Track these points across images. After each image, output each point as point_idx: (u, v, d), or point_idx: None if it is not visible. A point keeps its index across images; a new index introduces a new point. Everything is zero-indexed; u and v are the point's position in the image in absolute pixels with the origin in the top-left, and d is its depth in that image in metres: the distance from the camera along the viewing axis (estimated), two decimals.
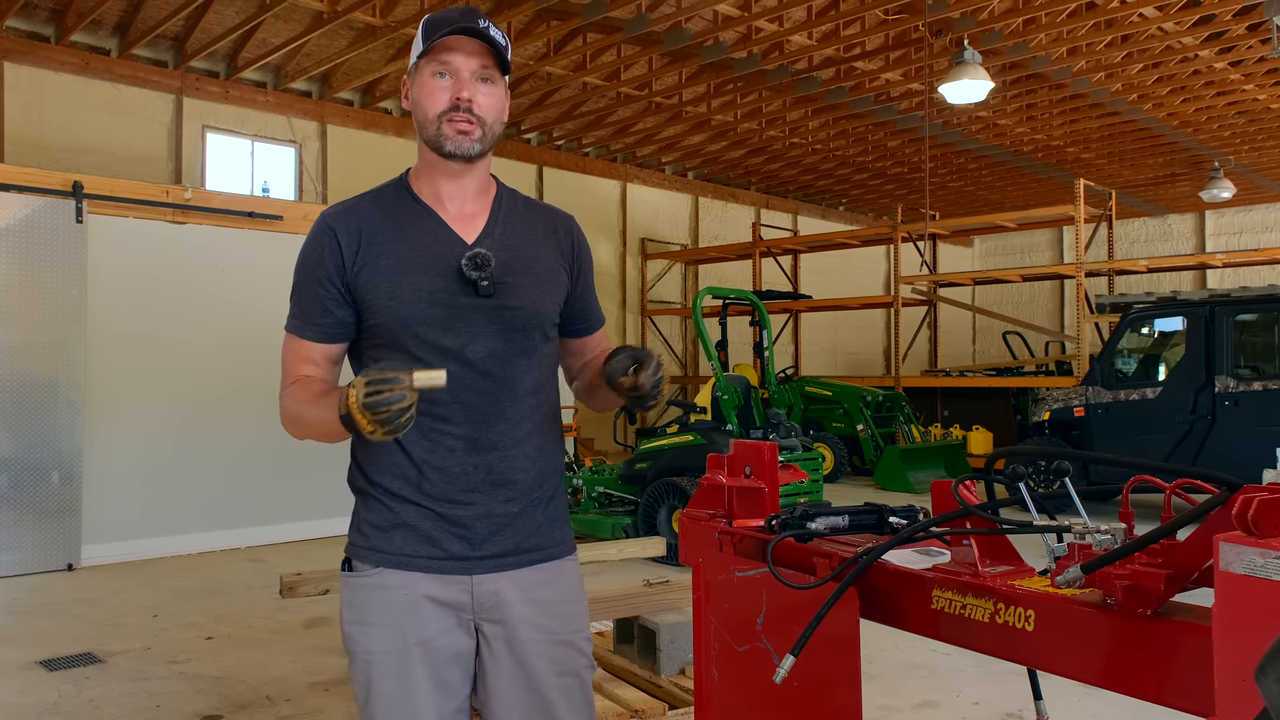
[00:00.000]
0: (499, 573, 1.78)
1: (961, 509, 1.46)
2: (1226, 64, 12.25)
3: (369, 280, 1.74)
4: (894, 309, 15.03)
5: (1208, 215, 21.29)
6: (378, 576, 1.76)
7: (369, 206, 1.82)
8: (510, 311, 1.77)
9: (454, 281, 1.74)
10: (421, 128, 1.77)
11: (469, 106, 1.73)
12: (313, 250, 1.79)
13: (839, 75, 12.73)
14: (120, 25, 11.02)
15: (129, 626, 5.48)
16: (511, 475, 1.78)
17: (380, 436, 1.52)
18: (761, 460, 1.90)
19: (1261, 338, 9.32)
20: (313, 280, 1.78)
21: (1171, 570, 1.16)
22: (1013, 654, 1.32)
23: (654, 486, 7.52)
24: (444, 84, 1.73)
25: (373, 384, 1.49)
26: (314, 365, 1.80)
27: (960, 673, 4.54)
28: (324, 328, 1.78)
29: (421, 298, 1.73)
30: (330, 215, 1.81)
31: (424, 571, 1.74)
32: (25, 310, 6.95)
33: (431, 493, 1.75)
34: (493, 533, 1.77)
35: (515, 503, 1.79)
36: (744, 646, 1.77)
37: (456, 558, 1.75)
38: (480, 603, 1.77)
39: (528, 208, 1.92)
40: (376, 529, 1.78)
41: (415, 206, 1.81)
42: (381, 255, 1.75)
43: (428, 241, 1.77)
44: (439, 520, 1.75)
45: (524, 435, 1.80)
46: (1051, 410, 10.12)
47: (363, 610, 1.77)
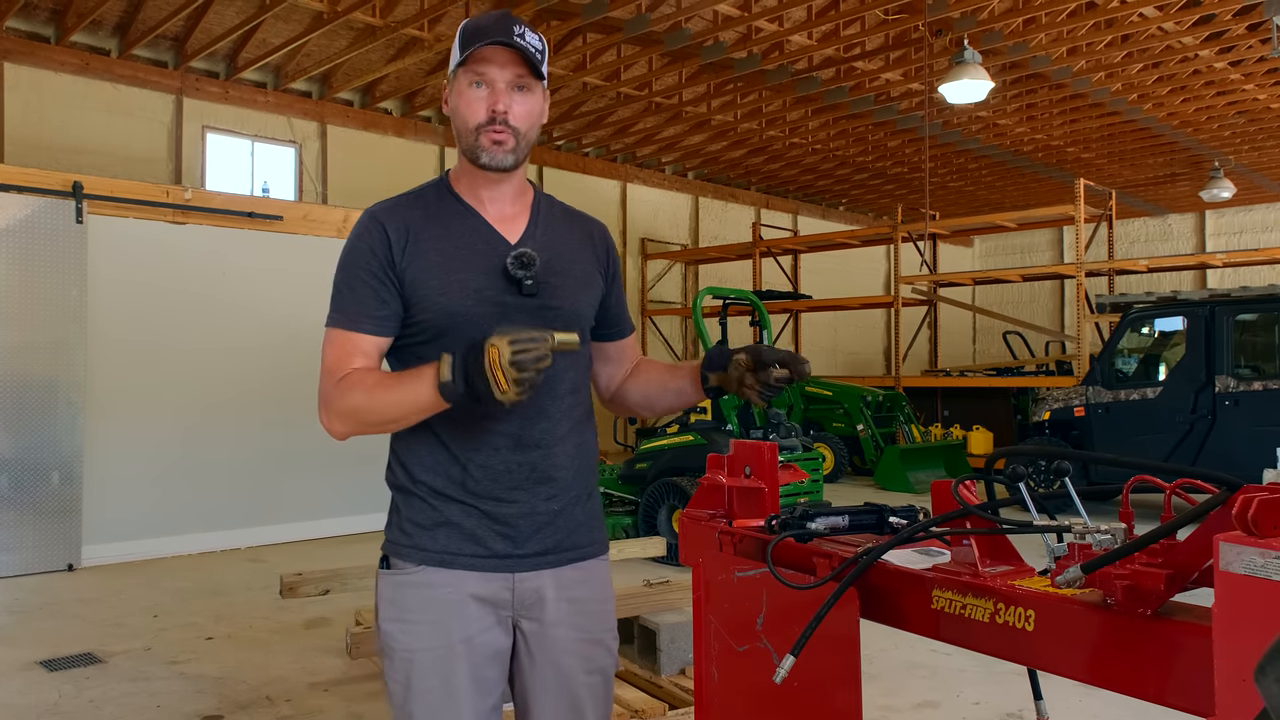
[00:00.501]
0: (540, 570, 1.80)
1: (961, 509, 1.46)
2: (1226, 64, 12.25)
3: (417, 276, 1.76)
4: (894, 309, 15.03)
5: (1208, 215, 21.29)
6: (420, 574, 1.77)
7: (413, 205, 1.84)
8: (552, 311, 1.79)
9: (499, 279, 1.76)
10: (460, 136, 1.80)
11: (504, 118, 1.74)
12: (362, 244, 1.79)
13: (839, 75, 12.73)
14: (120, 25, 11.02)
15: (129, 627, 5.48)
16: (553, 473, 1.80)
17: (513, 397, 1.52)
18: (761, 460, 1.90)
19: (1262, 337, 9.32)
20: (365, 273, 1.77)
21: (1171, 570, 1.16)
22: (1013, 654, 1.32)
23: (654, 486, 7.52)
24: (480, 94, 1.75)
25: (518, 342, 1.50)
26: (366, 358, 1.77)
27: (960, 673, 4.54)
28: (380, 320, 1.77)
29: (469, 294, 1.75)
30: (377, 211, 1.83)
31: (468, 569, 1.76)
32: (25, 310, 6.95)
33: (476, 490, 1.77)
34: (535, 530, 1.79)
35: (556, 500, 1.81)
36: (744, 646, 1.77)
37: (500, 555, 1.77)
38: (521, 600, 1.79)
39: (564, 213, 1.96)
40: (419, 527, 1.78)
41: (458, 206, 1.83)
42: (429, 252, 1.77)
43: (472, 240, 1.80)
44: (483, 518, 1.77)
45: (564, 433, 1.82)
46: (1052, 410, 10.12)
47: (404, 608, 1.77)
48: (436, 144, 14.48)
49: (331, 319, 1.80)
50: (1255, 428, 8.58)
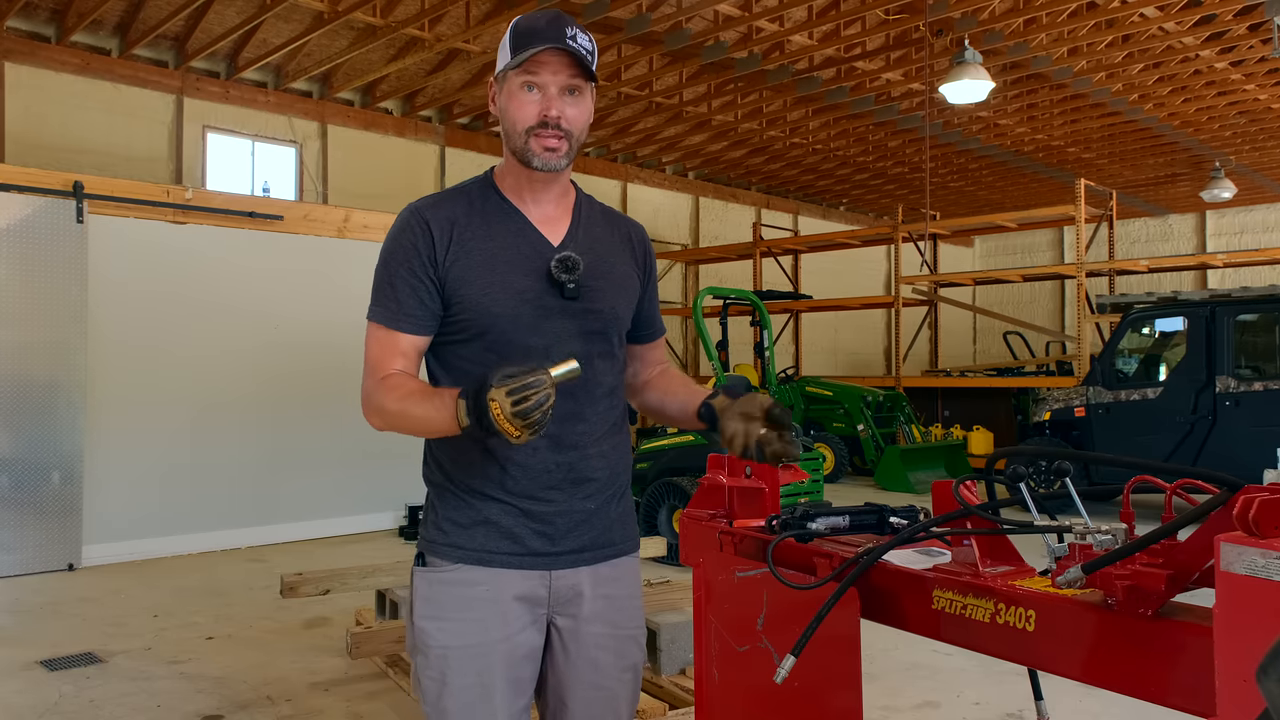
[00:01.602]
0: (577, 568, 1.81)
1: (962, 509, 1.46)
2: (1227, 64, 12.25)
3: (461, 275, 1.75)
4: (895, 309, 15.03)
5: (1208, 215, 21.29)
6: (458, 572, 1.78)
7: (457, 201, 1.83)
8: (593, 315, 1.81)
9: (542, 282, 1.76)
10: (509, 137, 1.78)
11: (557, 122, 1.73)
12: (404, 239, 1.78)
13: (840, 75, 12.73)
14: (121, 25, 11.03)
15: (130, 626, 5.48)
16: (590, 473, 1.81)
17: (525, 439, 1.52)
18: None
19: (1262, 338, 9.32)
20: (406, 270, 1.76)
21: (1172, 570, 1.16)
22: (1013, 654, 1.32)
23: (654, 486, 7.52)
24: (532, 98, 1.73)
25: (516, 392, 1.48)
26: (404, 358, 1.78)
27: (961, 673, 4.54)
28: (419, 319, 1.77)
29: (512, 296, 1.75)
30: (421, 206, 1.82)
31: (506, 568, 1.77)
32: (26, 310, 6.95)
33: (515, 490, 1.77)
34: (571, 528, 1.80)
35: (592, 499, 1.82)
36: (744, 647, 1.77)
37: (537, 553, 1.78)
38: (557, 596, 1.80)
39: (604, 214, 1.95)
40: (457, 525, 1.79)
41: (503, 205, 1.82)
42: (473, 251, 1.77)
43: (516, 241, 1.79)
44: (521, 516, 1.77)
45: (600, 435, 1.83)
46: (1052, 410, 10.12)
47: (441, 606, 1.78)
48: (437, 144, 14.48)
49: (373, 313, 1.80)
50: (1256, 428, 8.58)
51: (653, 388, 2.03)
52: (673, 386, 2.00)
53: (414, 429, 1.71)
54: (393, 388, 1.73)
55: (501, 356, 1.73)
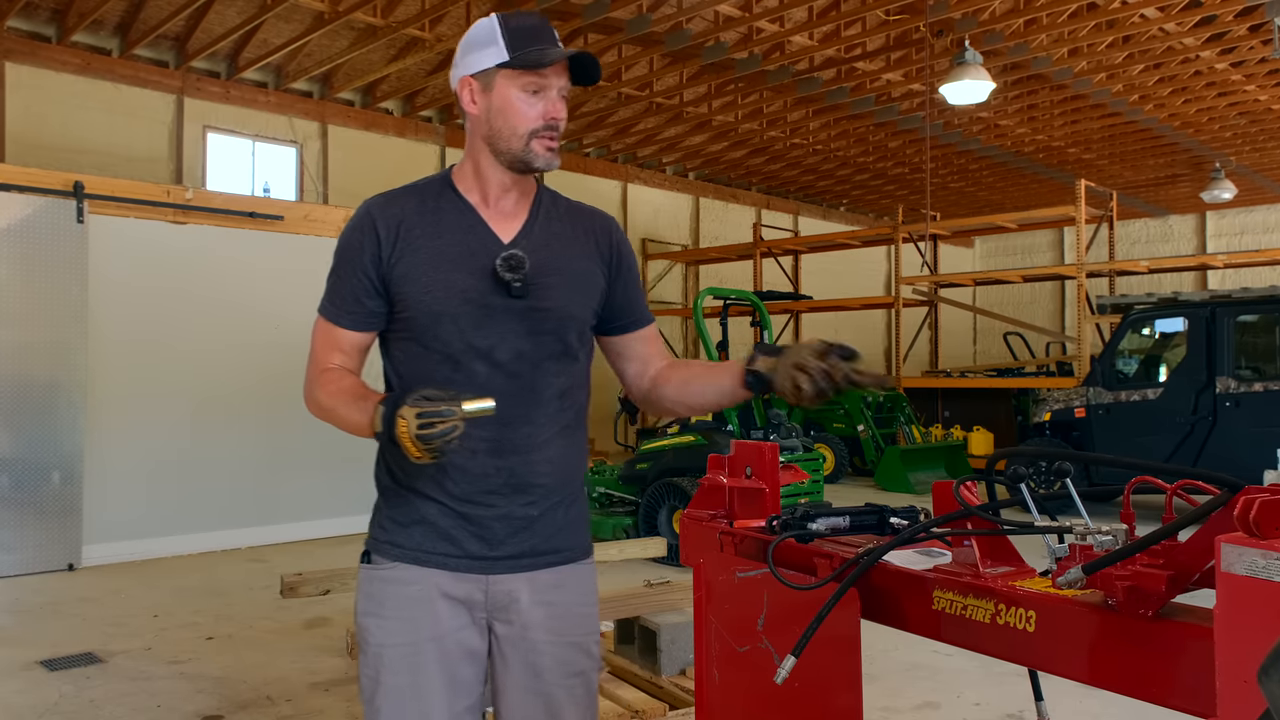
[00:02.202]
0: (515, 574, 1.79)
1: (962, 510, 1.46)
2: (1228, 65, 12.25)
3: (404, 274, 1.76)
4: (895, 310, 15.03)
5: (1209, 216, 21.29)
6: (395, 570, 1.78)
7: (410, 198, 1.83)
8: (541, 313, 1.78)
9: (487, 280, 1.74)
10: (501, 139, 1.76)
11: (558, 124, 1.76)
12: (353, 238, 1.80)
13: (840, 76, 12.73)
14: (121, 25, 11.03)
15: (130, 626, 5.48)
16: (533, 479, 1.79)
17: (426, 461, 1.54)
18: (762, 461, 1.90)
19: (1262, 339, 9.32)
20: (349, 268, 1.79)
21: (1173, 571, 1.16)
22: (1014, 655, 1.32)
23: (655, 487, 7.52)
24: (535, 100, 1.73)
25: (425, 416, 1.50)
26: (343, 354, 1.81)
27: (961, 674, 4.54)
28: (356, 317, 1.80)
29: (454, 295, 1.74)
30: (373, 204, 1.83)
31: (440, 568, 1.77)
32: (26, 310, 6.95)
33: (454, 493, 1.77)
34: (511, 534, 1.78)
35: (535, 505, 1.80)
36: (745, 647, 1.77)
37: (473, 556, 1.77)
38: (494, 602, 1.79)
39: (568, 209, 1.93)
40: (397, 524, 1.80)
41: (456, 202, 1.82)
42: (419, 250, 1.76)
43: (464, 238, 1.79)
44: (459, 519, 1.77)
45: (547, 439, 1.80)
46: (1052, 411, 10.12)
47: (379, 603, 1.79)
48: (437, 144, 14.49)
49: (321, 306, 1.83)
50: (1256, 429, 8.57)
51: (667, 381, 1.95)
52: (693, 373, 1.94)
53: (340, 425, 1.74)
54: (328, 382, 1.77)
55: (444, 356, 1.74)
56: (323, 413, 1.78)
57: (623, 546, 5.20)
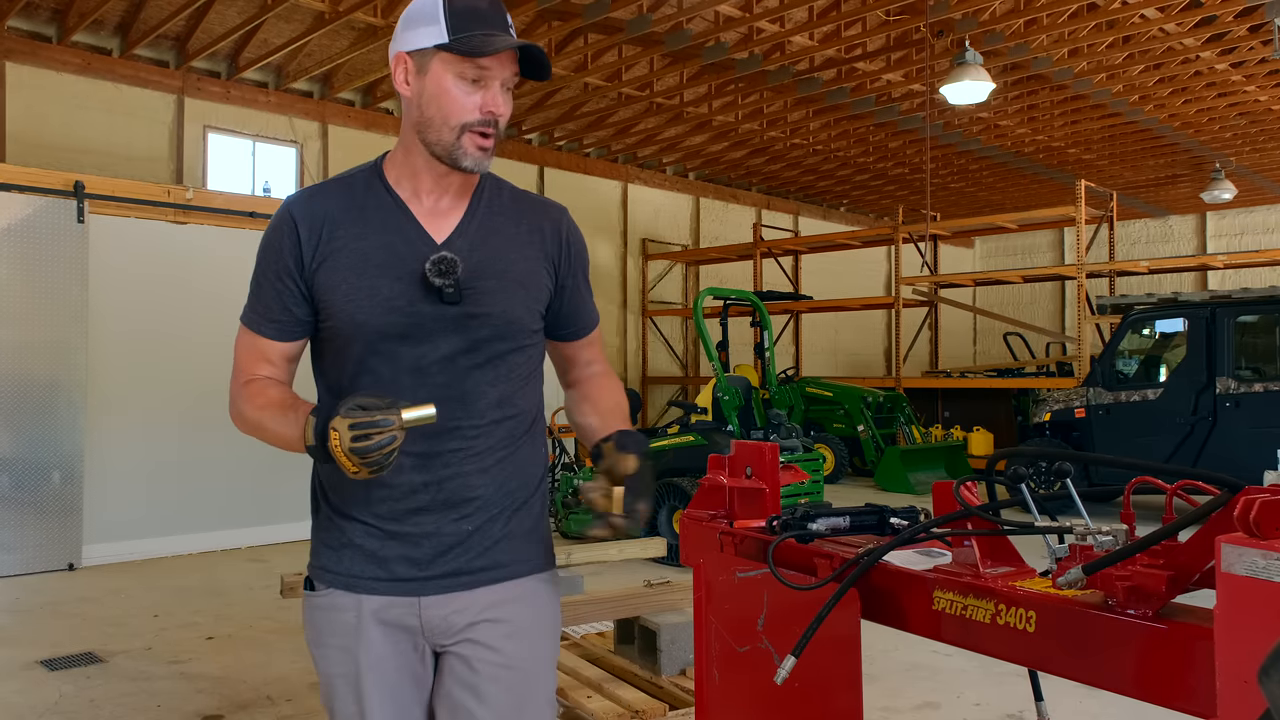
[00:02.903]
0: (450, 594, 1.66)
1: (962, 510, 1.46)
2: (1228, 65, 12.25)
3: (326, 281, 1.62)
4: (895, 310, 15.03)
5: (1209, 216, 21.29)
6: (328, 597, 1.69)
7: (335, 193, 1.68)
8: (477, 320, 1.63)
9: (415, 286, 1.60)
10: (431, 129, 1.60)
11: (496, 120, 1.60)
12: (273, 241, 1.66)
13: (840, 76, 12.73)
14: (122, 25, 11.02)
15: (130, 626, 5.49)
16: (465, 493, 1.65)
17: (364, 476, 1.42)
18: (762, 461, 1.90)
19: (1262, 339, 9.32)
20: (271, 274, 1.65)
21: (1173, 572, 1.16)
22: (1014, 655, 1.32)
23: (654, 487, 7.51)
24: (472, 90, 1.57)
25: (359, 427, 1.38)
26: (270, 365, 1.68)
27: (961, 674, 4.54)
28: (281, 325, 1.66)
29: (379, 304, 1.60)
30: (293, 202, 1.67)
31: (370, 593, 1.66)
32: (27, 310, 6.95)
33: (379, 511, 1.65)
34: (441, 552, 1.65)
35: (469, 520, 1.66)
36: (745, 647, 1.77)
37: (402, 579, 1.65)
38: (430, 626, 1.67)
39: (514, 201, 1.75)
40: (328, 548, 1.71)
41: (385, 199, 1.66)
42: (341, 252, 1.62)
43: (392, 240, 1.63)
44: (386, 539, 1.66)
45: (482, 451, 1.66)
46: (1052, 411, 10.12)
47: (318, 631, 1.71)
48: None
49: (243, 313, 1.71)
50: (1256, 429, 8.58)
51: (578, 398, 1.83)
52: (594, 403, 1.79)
53: (269, 440, 1.62)
54: (253, 394, 1.65)
55: (371, 369, 1.62)
56: (249, 427, 1.65)
57: (622, 546, 5.19)
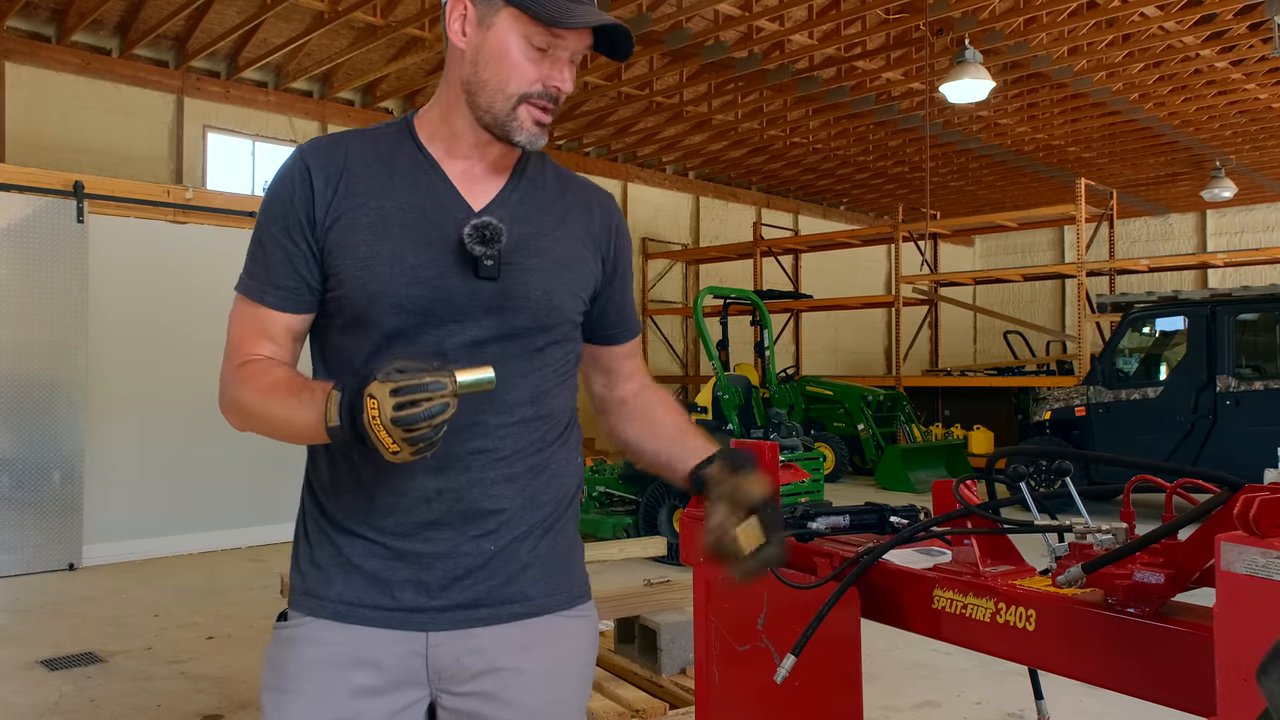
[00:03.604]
0: (466, 629, 1.39)
1: (962, 509, 1.46)
2: (1228, 63, 12.24)
3: (340, 240, 1.37)
4: (895, 309, 15.03)
5: (1209, 215, 21.28)
6: (308, 629, 1.38)
7: (356, 144, 1.43)
8: (517, 302, 1.39)
9: (448, 255, 1.36)
10: (485, 92, 1.37)
11: (558, 96, 1.38)
12: (281, 191, 1.40)
13: (840, 75, 12.73)
14: (121, 25, 11.02)
15: (130, 626, 5.49)
16: (487, 504, 1.39)
17: (406, 458, 1.18)
18: (762, 460, 1.90)
19: (1263, 337, 9.32)
20: (279, 230, 1.39)
21: (1173, 570, 1.16)
22: (1014, 654, 1.32)
23: (655, 486, 7.52)
24: (536, 59, 1.35)
25: (404, 392, 1.14)
26: (273, 343, 1.42)
27: (961, 672, 4.54)
28: (289, 292, 1.39)
29: (402, 271, 1.35)
30: (308, 150, 1.42)
31: (367, 624, 1.37)
32: (26, 310, 6.95)
33: (383, 525, 1.38)
34: (457, 577, 1.38)
35: (492, 539, 1.40)
36: (745, 646, 1.77)
37: (409, 609, 1.37)
38: (438, 669, 1.39)
39: (559, 178, 1.53)
40: (316, 568, 1.41)
41: (416, 156, 1.43)
42: (361, 209, 1.37)
43: (422, 201, 1.39)
44: (391, 559, 1.38)
45: (509, 455, 1.41)
46: (1053, 410, 10.12)
47: (280, 672, 1.38)
48: None
49: (239, 282, 1.44)
50: (1256, 427, 8.58)
51: (631, 416, 1.60)
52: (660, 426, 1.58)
53: (274, 431, 1.35)
54: (253, 376, 1.38)
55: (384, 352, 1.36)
56: (248, 418, 1.39)
57: (623, 545, 5.19)
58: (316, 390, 1.27)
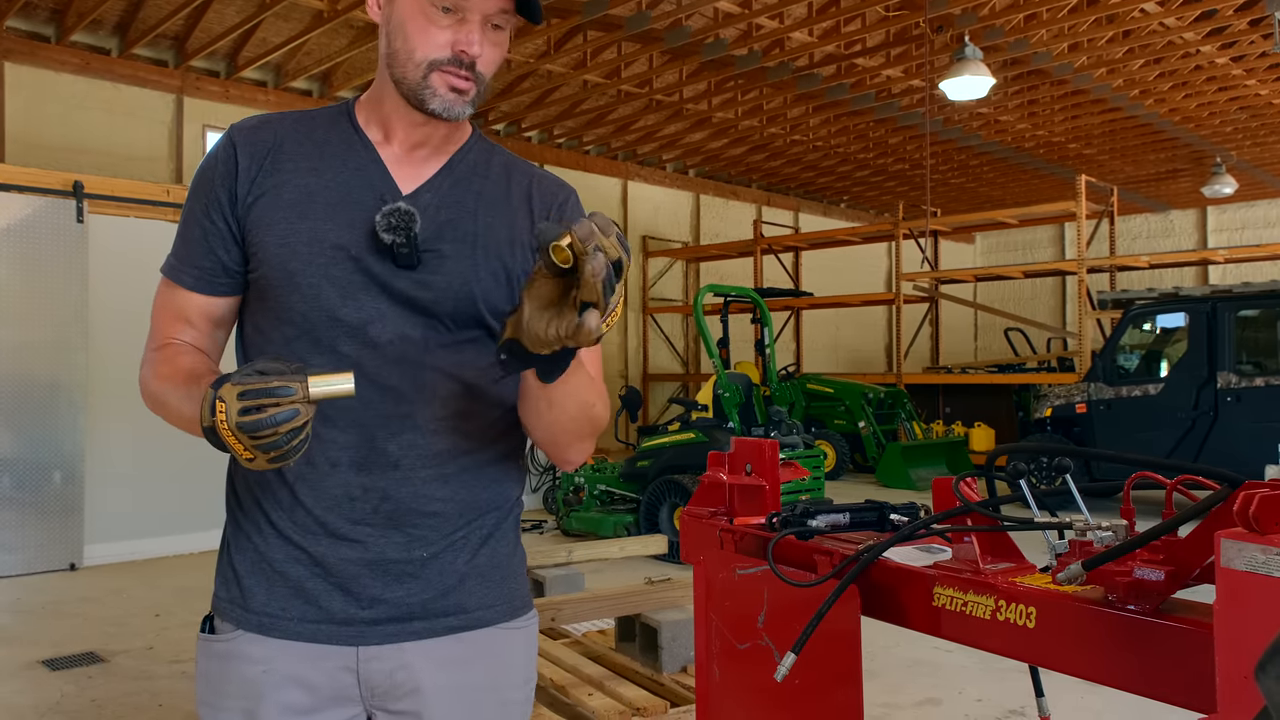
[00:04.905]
0: (398, 643, 1.32)
1: (963, 506, 1.46)
2: (1228, 59, 12.23)
3: (261, 216, 1.31)
4: (895, 306, 15.02)
5: (1210, 211, 21.27)
6: (234, 643, 1.33)
7: (290, 123, 1.38)
8: (435, 291, 1.31)
9: (371, 237, 1.29)
10: (396, 63, 1.31)
11: (473, 62, 1.29)
12: (206, 170, 1.35)
13: (840, 72, 12.72)
14: (120, 25, 11.02)
15: (131, 626, 5.49)
16: (418, 505, 1.31)
17: (262, 466, 1.10)
18: (762, 458, 1.90)
19: (1263, 334, 9.32)
20: (199, 209, 1.34)
21: (1173, 567, 1.16)
22: (1014, 651, 1.32)
23: (655, 484, 7.53)
24: (445, 21, 1.28)
25: (249, 396, 1.05)
26: (189, 326, 1.37)
27: (962, 670, 4.54)
28: (205, 273, 1.34)
29: (321, 251, 1.28)
30: (236, 129, 1.37)
31: (291, 638, 1.30)
32: (27, 310, 6.95)
33: (304, 524, 1.30)
34: (386, 585, 1.30)
35: (424, 544, 1.32)
36: (745, 644, 1.77)
37: (337, 621, 1.30)
38: (370, 685, 1.32)
39: (506, 167, 1.44)
40: (237, 574, 1.36)
41: (350, 136, 1.37)
42: (285, 185, 1.31)
43: (349, 180, 1.33)
44: (313, 566, 1.30)
45: (442, 450, 1.33)
46: (1053, 407, 10.12)
47: (214, 689, 1.33)
48: None
49: (164, 263, 1.41)
50: (1257, 424, 8.58)
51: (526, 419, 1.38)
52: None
53: (174, 421, 1.31)
54: (161, 361, 1.34)
55: (305, 337, 1.30)
56: (154, 403, 1.35)
57: (623, 544, 5.20)
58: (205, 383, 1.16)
